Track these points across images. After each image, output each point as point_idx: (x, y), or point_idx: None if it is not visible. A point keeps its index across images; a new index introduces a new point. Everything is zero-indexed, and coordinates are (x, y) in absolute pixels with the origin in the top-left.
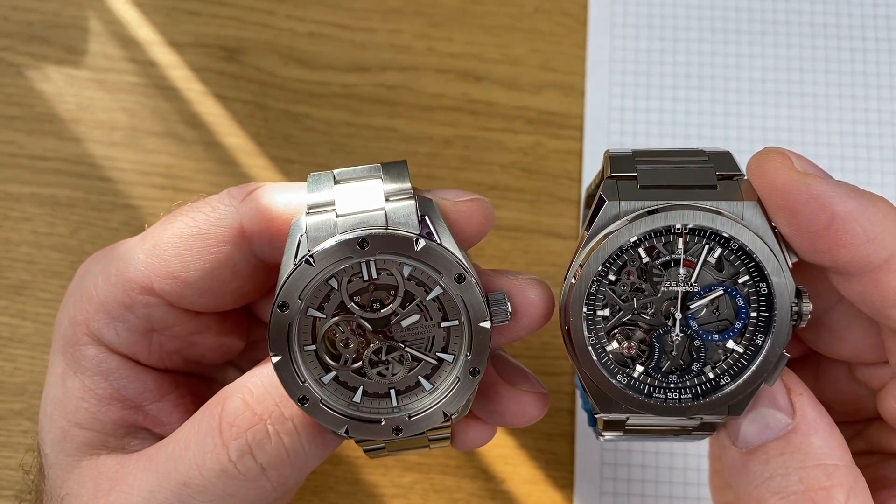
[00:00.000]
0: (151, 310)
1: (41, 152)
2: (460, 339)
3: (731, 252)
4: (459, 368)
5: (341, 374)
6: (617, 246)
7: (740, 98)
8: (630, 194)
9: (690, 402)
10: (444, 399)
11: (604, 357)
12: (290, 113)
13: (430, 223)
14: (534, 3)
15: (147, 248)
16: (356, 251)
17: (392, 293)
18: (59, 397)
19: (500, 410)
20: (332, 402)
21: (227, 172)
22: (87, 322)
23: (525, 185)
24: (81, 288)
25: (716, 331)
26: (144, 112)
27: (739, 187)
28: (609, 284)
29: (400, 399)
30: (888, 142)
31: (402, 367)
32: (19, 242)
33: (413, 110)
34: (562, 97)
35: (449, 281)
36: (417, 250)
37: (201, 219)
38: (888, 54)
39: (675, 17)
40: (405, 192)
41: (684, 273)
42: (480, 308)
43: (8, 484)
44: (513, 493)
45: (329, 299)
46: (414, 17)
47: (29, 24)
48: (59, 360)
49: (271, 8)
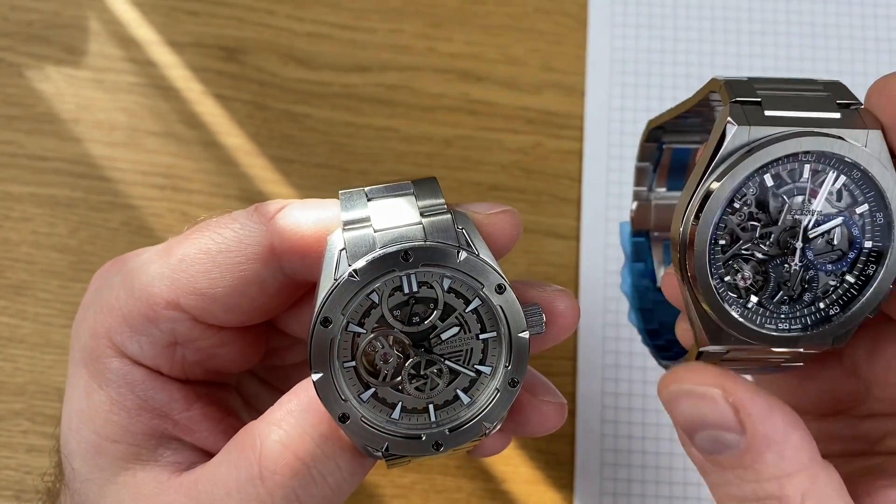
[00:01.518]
0: (176, 324)
1: (41, 152)
2: (498, 351)
3: (853, 181)
4: (499, 380)
5: (380, 391)
6: (752, 170)
7: None
8: (757, 119)
9: (800, 332)
10: (484, 412)
11: (721, 287)
12: (289, 113)
13: (467, 236)
14: (534, 3)
15: (173, 263)
16: (399, 264)
17: (432, 306)
18: (84, 411)
19: (523, 421)
20: (372, 418)
21: (227, 172)
22: (110, 335)
23: (525, 185)
24: (101, 300)
25: (829, 261)
26: (144, 112)
27: (860, 115)
28: (730, 213)
29: (438, 414)
30: None
31: (441, 381)
32: (19, 242)
33: (413, 110)
34: (562, 97)
35: (490, 292)
36: (459, 261)
37: (229, 235)
38: (888, 54)
39: (675, 17)
40: (440, 206)
41: (806, 202)
42: (520, 318)
43: (8, 484)
44: (513, 493)
45: (369, 314)
46: (414, 17)
47: (28, 24)
48: (80, 373)
49: (271, 8)
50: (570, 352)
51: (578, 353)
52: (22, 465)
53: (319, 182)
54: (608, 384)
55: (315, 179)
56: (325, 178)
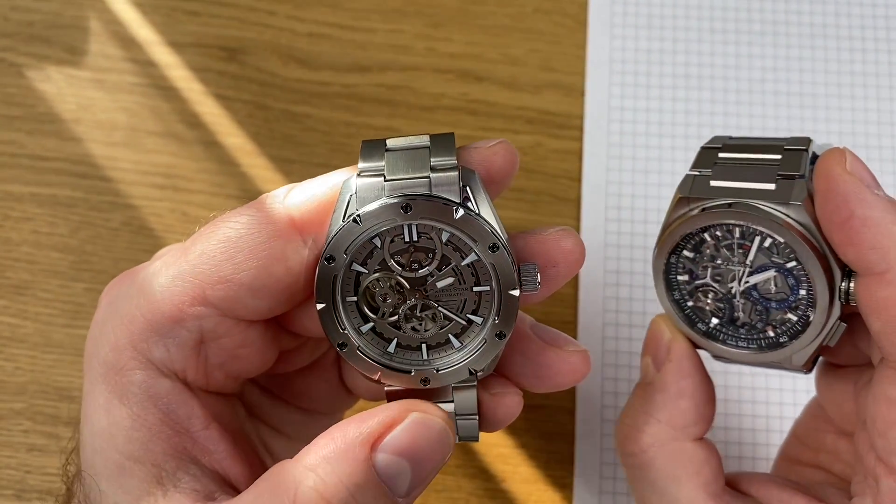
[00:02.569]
0: (203, 321)
1: (42, 152)
2: (490, 304)
3: (776, 245)
4: (487, 331)
5: (378, 326)
6: (681, 235)
7: (740, 98)
8: (700, 191)
9: (756, 351)
10: (471, 357)
11: (686, 310)
12: (290, 113)
13: (470, 193)
14: (533, 4)
15: (192, 259)
16: (400, 214)
17: (430, 255)
18: (105, 429)
19: (551, 374)
20: (368, 350)
21: (228, 172)
22: (134, 344)
23: (525, 185)
24: (119, 312)
25: (775, 300)
26: (145, 112)
27: (792, 189)
28: (686, 258)
29: (430, 353)
30: (888, 142)
31: (434, 325)
32: (20, 242)
33: (413, 110)
34: (562, 97)
35: (483, 249)
36: (456, 218)
37: (246, 220)
38: (888, 54)
39: (674, 17)
40: (450, 162)
41: (741, 254)
42: (511, 277)
43: (9, 483)
44: (513, 493)
45: (372, 256)
46: (414, 17)
47: (30, 25)
48: (100, 390)
49: (272, 8)
50: None
51: None
52: (23, 465)
53: None
54: (608, 384)
55: None
56: None
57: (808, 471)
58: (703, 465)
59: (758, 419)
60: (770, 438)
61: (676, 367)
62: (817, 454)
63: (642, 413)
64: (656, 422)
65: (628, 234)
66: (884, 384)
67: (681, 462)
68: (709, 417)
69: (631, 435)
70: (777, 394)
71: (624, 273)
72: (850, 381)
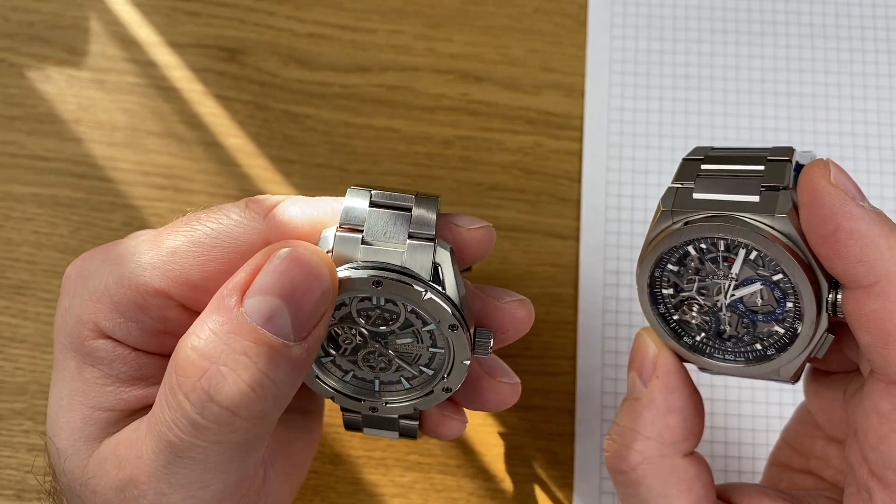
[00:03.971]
0: (166, 311)
1: (42, 153)
2: (443, 363)
3: (762, 257)
4: (436, 384)
5: (337, 360)
6: (665, 248)
7: (740, 98)
8: (682, 203)
9: (744, 364)
10: (418, 400)
11: (672, 323)
12: (290, 113)
13: (441, 271)
14: (533, 4)
15: (163, 255)
16: (371, 288)
17: (394, 317)
18: (78, 388)
19: (482, 399)
20: (325, 378)
21: (228, 173)
22: (97, 320)
23: (525, 185)
24: (87, 287)
25: (761, 313)
26: (145, 112)
27: (777, 200)
28: (670, 271)
29: (382, 388)
30: (888, 142)
31: (389, 369)
32: (20, 242)
33: (413, 111)
34: (562, 97)
35: (443, 327)
36: (423, 300)
37: (222, 229)
38: (888, 55)
39: (674, 17)
40: (428, 233)
41: (726, 267)
42: (465, 352)
43: (8, 484)
44: (513, 493)
45: (339, 309)
46: (414, 17)
47: (30, 25)
48: (69, 357)
49: (272, 9)
50: (570, 352)
51: (578, 353)
52: (23, 465)
53: (320, 182)
54: (608, 384)
55: (315, 179)
56: (325, 178)
57: (798, 476)
58: (694, 481)
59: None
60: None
61: (664, 382)
62: (807, 460)
63: (630, 430)
64: (645, 438)
65: (628, 235)
66: (874, 398)
67: (672, 479)
68: (698, 432)
69: (620, 452)
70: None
71: (624, 273)
72: (838, 388)
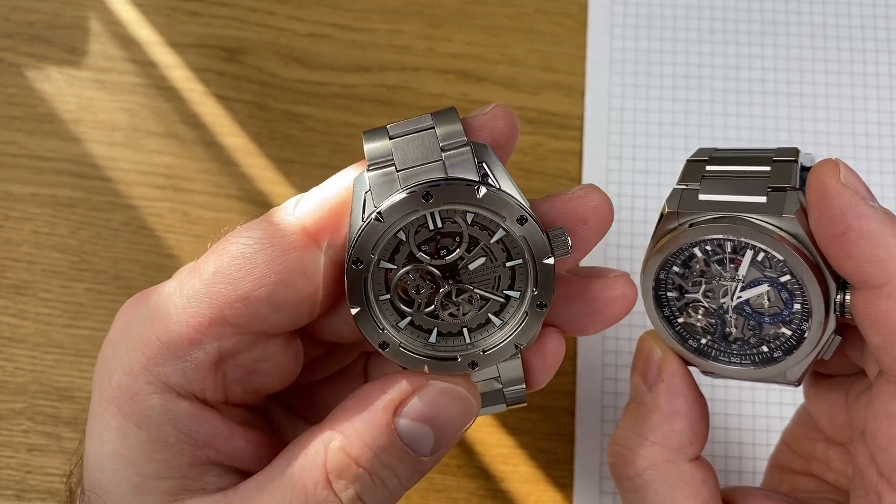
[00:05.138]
0: (222, 341)
1: (42, 152)
2: (525, 276)
3: (768, 258)
4: (527, 304)
5: (416, 319)
6: (670, 251)
7: (740, 98)
8: (688, 205)
9: (751, 367)
10: (514, 333)
11: (677, 326)
12: (290, 113)
13: (487, 169)
14: (534, 4)
15: (207, 279)
16: (421, 204)
17: (457, 239)
18: (120, 451)
19: (601, 308)
20: (410, 344)
21: (228, 172)
22: (149, 368)
23: (525, 185)
24: (133, 335)
25: (768, 314)
26: (145, 112)
27: (784, 201)
28: (675, 274)
29: (472, 336)
30: (888, 142)
31: (472, 307)
32: (20, 242)
33: (413, 110)
34: (562, 97)
35: (512, 223)
36: (479, 197)
37: (258, 235)
38: (888, 55)
39: (674, 17)
40: (459, 139)
41: (733, 269)
42: (543, 246)
43: (9, 483)
44: (513, 493)
45: (399, 251)
46: (414, 17)
47: (30, 25)
48: (112, 412)
49: (272, 8)
50: (570, 352)
51: (578, 353)
52: (23, 465)
53: (320, 182)
54: (608, 384)
55: (316, 179)
56: (325, 178)
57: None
58: (700, 487)
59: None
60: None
61: (669, 387)
62: (808, 462)
63: (636, 435)
64: (651, 444)
65: (628, 234)
66: (883, 399)
67: (678, 485)
68: (704, 436)
69: (625, 458)
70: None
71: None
72: (840, 392)
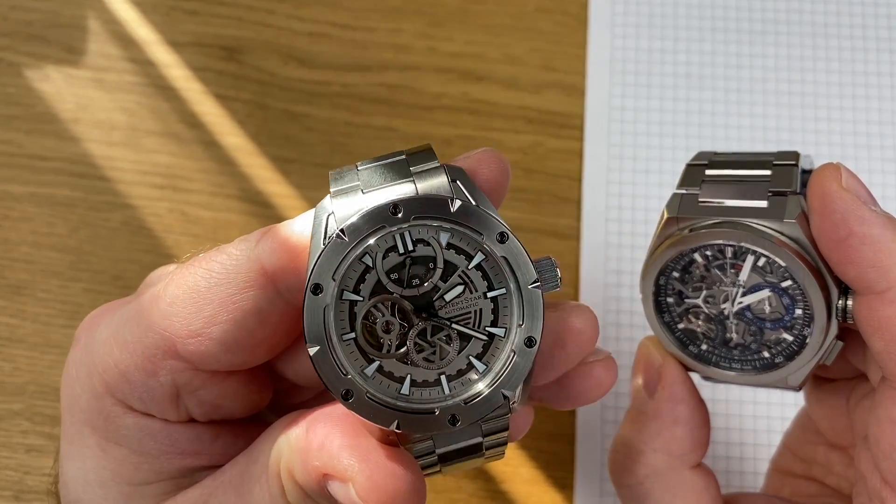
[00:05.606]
0: (176, 375)
1: (40, 152)
2: (510, 309)
3: (769, 263)
4: (514, 341)
5: (385, 364)
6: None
7: (740, 98)
8: (688, 210)
9: (752, 373)
10: (500, 378)
11: (678, 332)
12: (289, 112)
13: (462, 188)
14: (534, 3)
15: (163, 309)
16: (389, 219)
17: (431, 265)
18: (107, 467)
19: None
20: (379, 395)
21: (227, 172)
22: (112, 392)
23: (525, 184)
24: (93, 357)
25: (769, 320)
26: (144, 111)
27: (785, 205)
28: (676, 279)
29: (452, 386)
30: (888, 142)
31: (451, 349)
32: (18, 242)
33: (413, 110)
34: (562, 97)
35: (491, 242)
36: (454, 211)
37: (217, 268)
38: (888, 54)
39: (675, 16)
40: (433, 165)
41: (733, 274)
42: (529, 268)
43: (7, 484)
44: (513, 494)
45: (365, 279)
46: (414, 16)
47: (28, 24)
48: (85, 433)
49: (271, 7)
50: None
51: None
52: (21, 465)
53: (319, 182)
54: None
55: (315, 179)
56: (325, 177)
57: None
58: (702, 494)
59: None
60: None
61: (669, 393)
62: (809, 466)
63: (637, 442)
64: (652, 451)
65: (629, 234)
66: (887, 405)
67: (680, 492)
68: (705, 442)
69: (626, 465)
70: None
71: (624, 273)
72: (841, 396)
